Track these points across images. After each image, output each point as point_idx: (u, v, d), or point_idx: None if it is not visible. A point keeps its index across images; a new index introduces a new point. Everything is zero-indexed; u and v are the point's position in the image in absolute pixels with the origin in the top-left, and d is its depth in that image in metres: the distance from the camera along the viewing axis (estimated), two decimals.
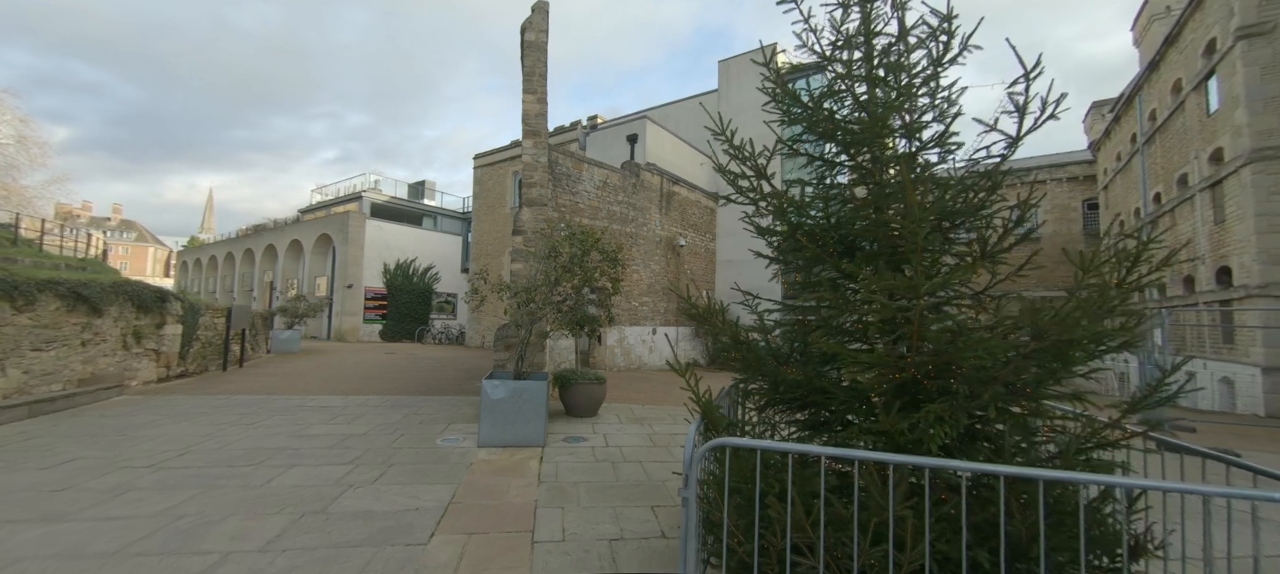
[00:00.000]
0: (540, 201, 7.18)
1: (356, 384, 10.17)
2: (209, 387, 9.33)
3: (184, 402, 7.82)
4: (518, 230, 7.08)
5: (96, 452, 5.13)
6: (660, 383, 12.70)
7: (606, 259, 5.87)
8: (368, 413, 7.34)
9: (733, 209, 20.76)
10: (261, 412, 7.26)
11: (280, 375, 11.20)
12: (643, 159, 17.49)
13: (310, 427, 6.41)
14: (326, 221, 27.56)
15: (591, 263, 5.76)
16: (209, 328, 11.51)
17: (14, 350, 6.62)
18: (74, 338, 7.57)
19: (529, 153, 7.15)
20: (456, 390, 9.68)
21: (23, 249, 12.16)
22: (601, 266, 5.81)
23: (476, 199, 23.84)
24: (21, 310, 6.74)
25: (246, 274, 33.48)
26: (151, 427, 6.19)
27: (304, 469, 4.77)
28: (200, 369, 10.99)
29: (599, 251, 5.81)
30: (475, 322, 22.98)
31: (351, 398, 8.51)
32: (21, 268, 8.58)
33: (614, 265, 5.93)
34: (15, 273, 6.78)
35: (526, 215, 7.08)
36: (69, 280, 7.56)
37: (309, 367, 13.04)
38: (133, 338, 8.74)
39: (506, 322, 6.88)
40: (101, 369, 8.06)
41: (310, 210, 33.56)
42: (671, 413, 8.21)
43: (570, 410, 7.44)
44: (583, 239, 5.73)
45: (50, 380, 7.15)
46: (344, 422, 6.77)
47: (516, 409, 5.79)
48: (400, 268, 26.47)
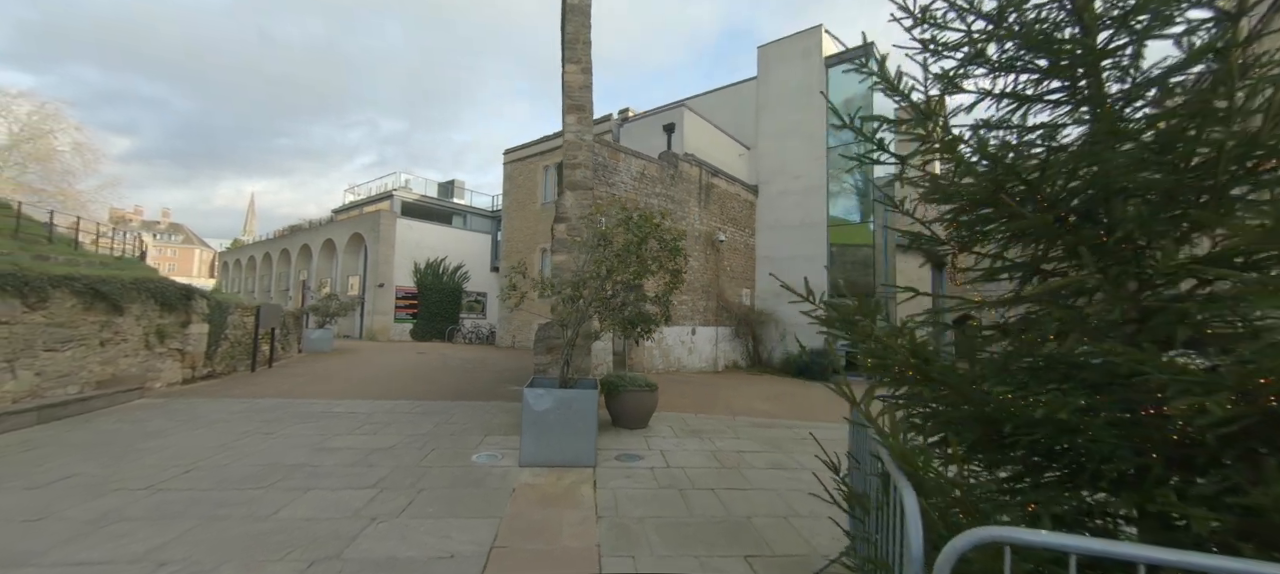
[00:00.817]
0: (585, 184, 6.36)
1: (386, 387, 9.57)
2: (234, 389, 8.85)
3: (205, 406, 7.30)
4: (560, 217, 6.27)
5: (95, 467, 4.53)
6: (703, 387, 11.77)
7: (666, 248, 5.00)
8: (396, 421, 6.65)
9: (772, 203, 19.62)
10: (284, 418, 6.65)
11: (309, 377, 10.72)
12: (680, 149, 16.57)
13: (333, 438, 5.72)
14: (359, 221, 27.56)
15: (649, 252, 4.91)
16: (238, 327, 11.13)
17: (25, 350, 6.16)
18: (92, 337, 7.12)
19: (572, 130, 6.33)
20: (490, 395, 8.97)
21: (59, 247, 12.05)
22: (661, 257, 4.95)
23: (506, 196, 23.33)
24: (34, 308, 6.29)
25: (283, 274, 33.97)
26: (163, 436, 5.61)
27: (320, 495, 4.04)
28: (228, 370, 10.59)
29: (657, 239, 4.95)
30: (506, 321, 22.45)
31: (380, 403, 7.87)
32: (41, 264, 8.23)
33: (675, 256, 5.05)
34: (27, 267, 6.35)
35: (570, 200, 6.27)
36: (87, 276, 7.12)
37: (339, 367, 12.59)
38: (156, 337, 8.31)
39: (548, 321, 6.07)
40: (122, 370, 7.62)
41: (343, 210, 33.82)
42: (727, 424, 7.28)
43: (617, 421, 6.59)
44: (640, 224, 4.88)
45: (66, 382, 6.70)
46: (370, 431, 6.08)
47: (563, 422, 4.97)
48: (430, 267, 26.23)
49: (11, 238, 10.40)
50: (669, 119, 17.13)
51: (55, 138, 33.50)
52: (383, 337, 24.40)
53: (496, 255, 27.85)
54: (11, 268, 6.12)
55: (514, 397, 8.79)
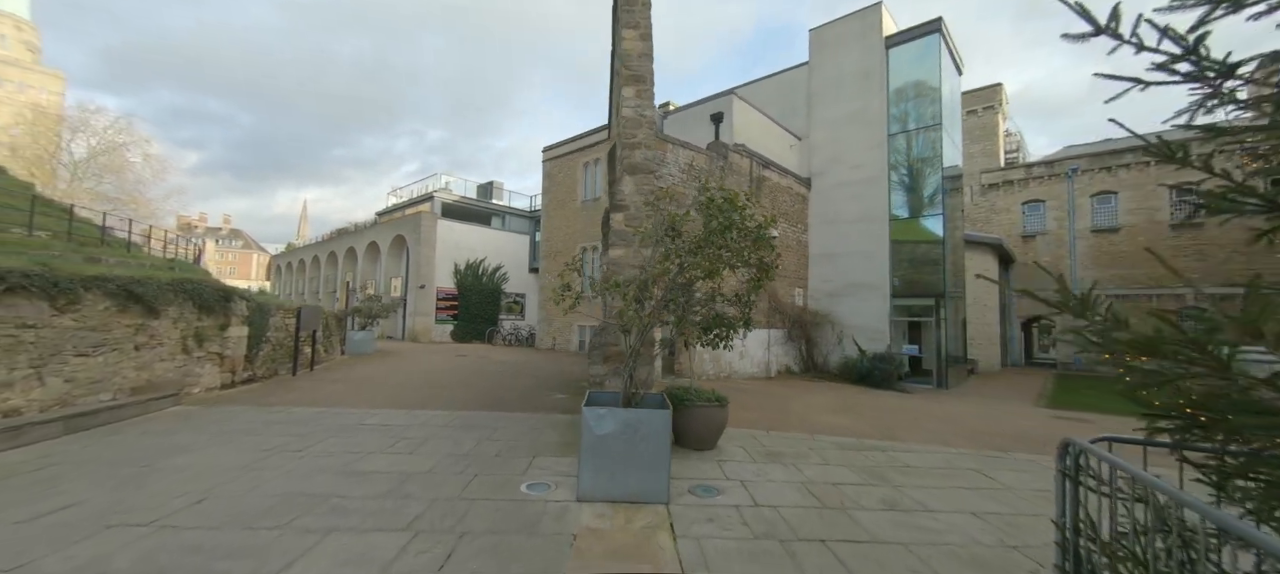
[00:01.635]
0: (646, 167, 5.50)
1: (425, 394, 8.99)
2: (271, 396, 8.45)
3: (239, 415, 6.84)
4: (617, 205, 5.43)
5: (102, 492, 3.98)
6: (762, 396, 10.72)
7: (752, 237, 4.07)
8: (434, 436, 5.96)
9: (826, 196, 18.25)
10: (316, 431, 6.07)
11: (348, 382, 10.31)
12: (729, 140, 15.53)
13: (365, 458, 5.06)
14: (401, 223, 27.75)
15: (733, 241, 3.99)
16: (280, 329, 10.87)
17: (54, 355, 5.81)
18: (126, 341, 6.79)
19: (629, 104, 5.48)
20: (534, 405, 8.24)
21: (113, 249, 12.15)
22: (745, 247, 4.03)
23: (546, 194, 22.83)
24: (63, 310, 5.94)
25: (330, 276, 34.80)
26: (187, 452, 5.09)
27: (343, 540, 3.31)
28: (270, 373, 10.31)
29: (738, 228, 4.02)
30: (546, 323, 21.94)
31: (417, 414, 7.24)
32: (92, 265, 8.02)
33: (766, 247, 4.10)
34: (57, 267, 6.02)
35: (629, 186, 5.42)
36: (121, 277, 6.79)
37: (380, 371, 12.21)
38: (194, 341, 7.98)
39: (602, 325, 5.23)
40: (158, 376, 7.29)
41: (386, 213, 34.32)
42: (807, 445, 6.26)
43: (681, 440, 5.68)
44: (724, 207, 3.95)
45: (98, 389, 6.35)
46: (406, 450, 5.40)
47: (629, 449, 4.10)
48: (470, 268, 26.09)
49: (64, 240, 10.44)
50: (717, 108, 16.12)
51: (128, 150, 35.56)
52: (424, 338, 24.36)
53: (535, 256, 27.48)
54: (39, 267, 5.78)
55: (560, 407, 8.03)
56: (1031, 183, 28.11)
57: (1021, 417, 10.42)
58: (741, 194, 4.18)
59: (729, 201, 4.06)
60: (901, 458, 5.91)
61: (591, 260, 20.09)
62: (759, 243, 4.11)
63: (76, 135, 35.25)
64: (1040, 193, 27.83)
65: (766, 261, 4.12)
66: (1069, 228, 26.44)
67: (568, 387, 10.36)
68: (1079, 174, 26.60)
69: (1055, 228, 27.01)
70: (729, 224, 3.99)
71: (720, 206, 4.03)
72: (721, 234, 3.98)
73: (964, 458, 6.07)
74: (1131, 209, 25.04)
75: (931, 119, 16.87)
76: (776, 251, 4.25)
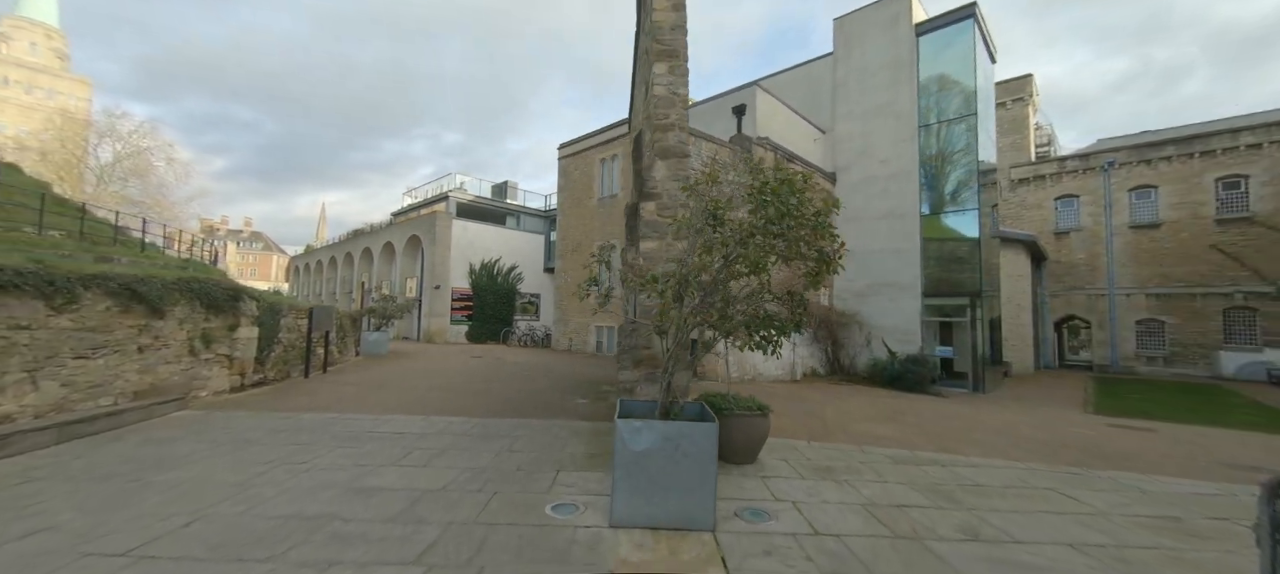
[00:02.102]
0: (679, 151, 4.97)
1: (439, 399, 8.57)
2: (281, 400, 8.09)
3: (243, 422, 6.46)
4: (648, 193, 4.90)
5: (82, 513, 3.56)
6: (793, 400, 10.10)
7: (810, 226, 3.49)
8: (450, 448, 5.50)
9: (852, 191, 17.50)
10: (323, 441, 5.65)
11: (360, 385, 9.95)
12: (752, 132, 14.92)
13: (374, 473, 4.60)
14: (416, 223, 27.59)
15: (793, 231, 3.43)
16: (292, 330, 10.56)
17: (50, 359, 5.47)
18: (129, 343, 6.45)
19: (662, 81, 4.96)
20: (554, 410, 7.75)
21: (128, 249, 11.98)
22: (804, 238, 3.47)
23: (562, 192, 22.42)
24: (60, 310, 5.60)
25: (347, 276, 34.86)
26: (182, 465, 4.68)
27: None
28: (281, 376, 9.99)
29: (795, 216, 3.45)
30: (562, 324, 21.52)
31: (432, 421, 6.80)
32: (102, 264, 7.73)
33: (826, 237, 3.52)
34: (55, 265, 5.69)
35: (662, 172, 4.89)
36: (122, 275, 6.46)
37: (393, 374, 11.85)
38: (201, 342, 7.65)
39: (635, 325, 4.71)
40: (163, 379, 6.95)
41: (402, 213, 34.28)
42: (857, 458, 5.67)
43: (720, 453, 5.13)
44: (781, 192, 3.37)
45: (98, 394, 6.01)
46: (419, 462, 4.94)
47: (670, 467, 3.58)
48: (485, 268, 25.81)
49: (77, 239, 10.24)
50: (739, 100, 15.52)
51: (152, 155, 36.18)
52: (440, 338, 24.12)
53: (550, 255, 27.10)
54: (34, 265, 5.44)
55: (582, 414, 7.53)
56: (1064, 177, 26.97)
57: (1076, 424, 9.66)
58: (800, 175, 3.63)
59: (787, 184, 3.50)
60: (965, 474, 5.30)
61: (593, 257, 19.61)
62: (819, 232, 3.55)
63: (103, 140, 35.94)
64: (1074, 187, 26.68)
65: (827, 253, 3.56)
66: (1105, 224, 25.27)
67: (588, 391, 9.87)
68: (1116, 168, 25.42)
69: (1090, 224, 25.86)
70: (785, 210, 3.44)
71: (775, 191, 3.48)
72: (777, 222, 3.43)
73: (1035, 475, 5.42)
74: (1173, 203, 23.82)
75: (965, 110, 16.07)
76: (841, 241, 3.68)
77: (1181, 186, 23.64)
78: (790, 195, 3.50)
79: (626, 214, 9.94)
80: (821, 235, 3.57)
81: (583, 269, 19.24)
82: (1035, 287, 25.38)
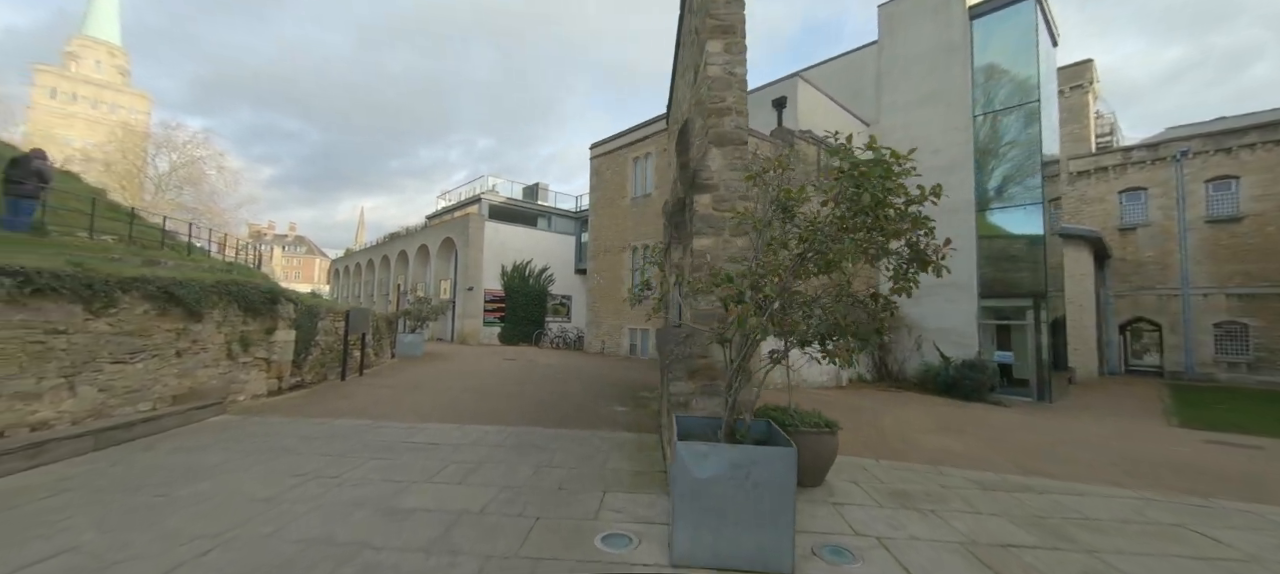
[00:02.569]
0: (737, 138, 4.46)
1: (474, 404, 8.29)
2: (317, 404, 7.95)
3: (279, 429, 6.29)
4: (702, 185, 4.41)
5: (106, 532, 3.32)
6: (846, 411, 9.39)
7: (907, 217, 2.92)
8: (486, 461, 5.14)
9: None
10: (355, 451, 5.38)
11: (395, 388, 9.79)
12: (794, 126, 14.23)
13: (408, 490, 4.27)
14: (450, 226, 27.83)
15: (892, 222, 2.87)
16: (329, 333, 10.52)
17: (88, 363, 5.38)
18: (167, 347, 6.37)
19: (717, 60, 4.47)
20: (592, 420, 7.35)
21: (174, 252, 12.23)
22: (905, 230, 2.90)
23: (594, 192, 22.12)
24: (98, 314, 5.51)
25: (384, 279, 35.58)
26: (212, 476, 4.46)
27: None
28: (319, 378, 9.93)
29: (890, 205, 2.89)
30: (594, 326, 21.20)
31: (468, 429, 6.49)
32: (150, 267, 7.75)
33: (925, 231, 2.93)
34: (93, 268, 5.62)
35: (718, 161, 4.40)
36: (161, 278, 6.38)
37: (428, 376, 11.70)
38: (239, 345, 7.57)
39: (689, 331, 4.23)
40: (201, 383, 6.87)
41: (436, 216, 34.75)
42: (936, 481, 5.04)
43: None
44: (878, 175, 2.80)
45: (136, 399, 5.92)
46: (455, 478, 4.58)
47: (740, 498, 3.08)
48: (517, 269, 25.78)
49: (127, 243, 10.45)
50: (780, 92, 14.85)
51: (204, 164, 37.98)
52: (473, 340, 24.19)
53: (581, 257, 26.88)
54: (72, 268, 5.37)
55: (623, 423, 7.09)
56: (1130, 169, 25.06)
57: (1166, 440, 8.67)
58: (900, 157, 3.08)
59: (881, 166, 2.94)
60: (1068, 504, 4.60)
61: (641, 260, 19.18)
62: (916, 223, 2.99)
63: (160, 151, 37.90)
64: (1141, 179, 24.75)
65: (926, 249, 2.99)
66: (1178, 218, 23.31)
67: (626, 397, 9.43)
68: (1190, 158, 23.43)
69: (1160, 218, 23.92)
70: (880, 199, 2.89)
71: (867, 175, 2.93)
72: (872, 211, 2.88)
73: (1152, 506, 4.68)
74: (1257, 195, 21.75)
75: (1025, 96, 14.95)
76: (949, 242, 3.08)
77: (1267, 177, 21.58)
78: (887, 179, 2.96)
79: (667, 211, 9.46)
80: (918, 227, 3.01)
81: (632, 271, 18.84)
82: (1098, 287, 23.65)
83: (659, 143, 18.35)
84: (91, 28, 65.17)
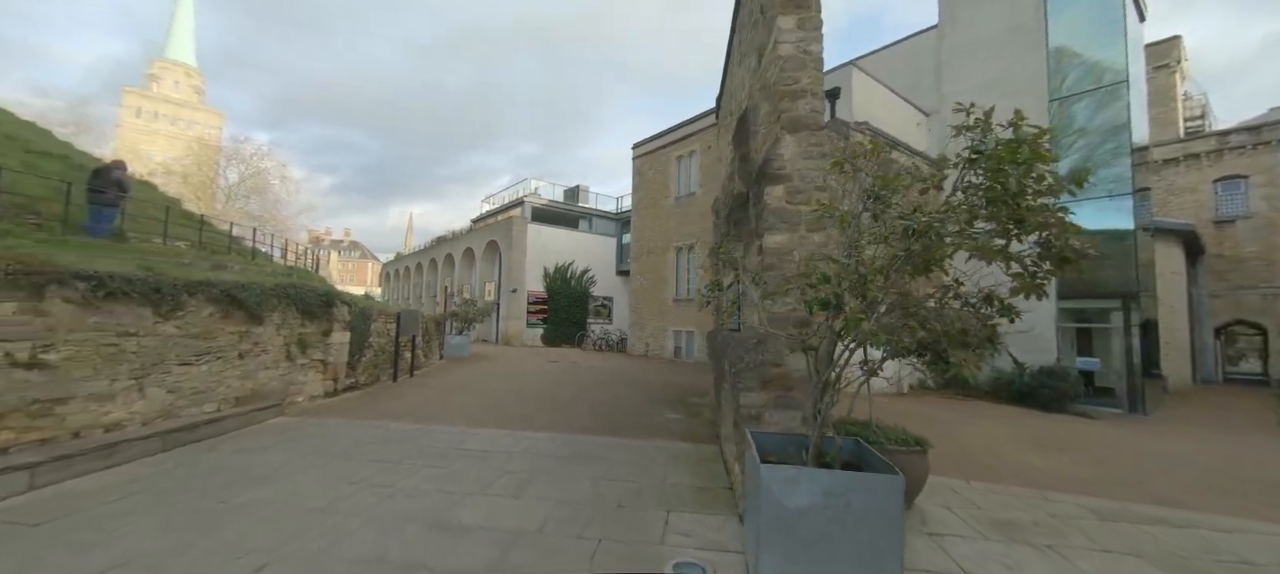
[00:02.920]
0: (812, 121, 4.03)
1: (524, 408, 8.13)
2: (369, 406, 8.00)
3: (336, 431, 6.30)
4: (774, 176, 4.00)
5: (166, 541, 3.25)
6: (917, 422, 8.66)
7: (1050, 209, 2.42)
8: (541, 472, 4.90)
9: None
10: (408, 458, 5.26)
11: (444, 390, 9.79)
12: (849, 118, 13.47)
13: (462, 503, 4.06)
14: (494, 228, 28.28)
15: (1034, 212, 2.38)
16: (381, 334, 10.67)
17: (156, 365, 5.50)
18: (230, 349, 6.50)
19: (789, 38, 4.05)
20: (646, 428, 7.02)
21: (239, 257, 12.78)
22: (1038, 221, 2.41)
23: (636, 192, 21.86)
24: (166, 317, 5.64)
25: (431, 281, 36.62)
26: (270, 482, 4.41)
27: None
28: (372, 380, 10.07)
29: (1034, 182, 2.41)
30: (638, 327, 20.93)
31: (519, 436, 6.29)
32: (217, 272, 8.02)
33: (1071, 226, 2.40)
34: (162, 272, 5.76)
35: (791, 149, 3.97)
36: (225, 282, 6.52)
37: (476, 377, 11.72)
38: (297, 347, 7.70)
39: (762, 336, 3.83)
40: (262, 385, 6.99)
41: (481, 219, 35.47)
42: (1047, 509, 4.42)
43: None
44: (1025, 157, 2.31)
45: (201, 400, 6.04)
46: (509, 491, 4.35)
47: (838, 532, 2.67)
48: (559, 271, 25.86)
49: (197, 248, 10.95)
50: (833, 83, 14.10)
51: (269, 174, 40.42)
52: (517, 341, 24.42)
53: (622, 258, 26.70)
54: (143, 271, 5.51)
55: (679, 433, 6.73)
56: (1226, 155, 22.63)
57: None
58: (1045, 133, 2.59)
59: (1032, 148, 2.43)
60: (1215, 541, 3.90)
61: (685, 260, 18.76)
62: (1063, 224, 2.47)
63: (230, 163, 40.58)
64: (1240, 167, 22.31)
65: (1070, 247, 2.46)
66: None
67: (676, 404, 9.06)
68: None
69: (1265, 209, 21.47)
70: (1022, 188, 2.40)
71: (1007, 157, 2.43)
72: (1012, 200, 2.38)
73: None
74: None
75: (1110, 77, 13.61)
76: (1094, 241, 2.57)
77: None
78: (1036, 161, 2.46)
79: (718, 209, 9.04)
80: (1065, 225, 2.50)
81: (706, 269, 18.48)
82: (1189, 286, 21.42)
83: (703, 140, 17.89)
84: (171, 51, 70.60)
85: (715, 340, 7.60)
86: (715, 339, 7.66)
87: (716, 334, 8.09)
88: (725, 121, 9.49)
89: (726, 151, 9.36)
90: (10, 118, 11.73)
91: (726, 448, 5.13)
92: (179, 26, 72.04)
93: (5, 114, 11.91)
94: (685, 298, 18.51)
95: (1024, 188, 2.47)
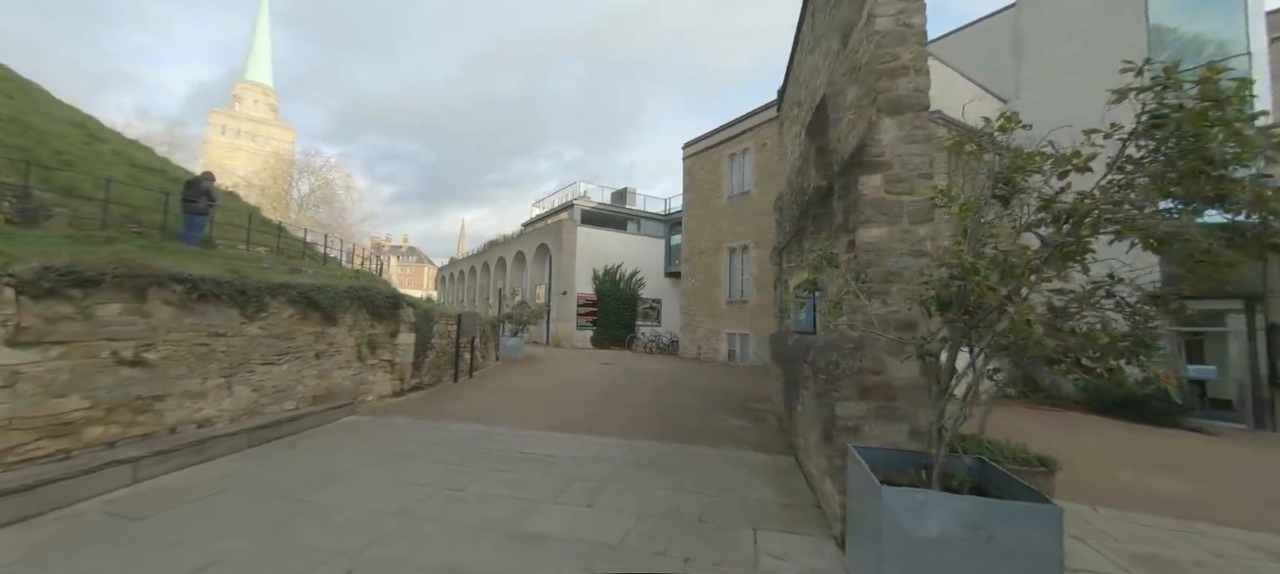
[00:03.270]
0: (916, 102, 3.62)
1: (584, 412, 8.00)
2: (433, 406, 8.10)
3: (404, 430, 6.38)
4: (869, 163, 3.62)
5: (247, 543, 3.26)
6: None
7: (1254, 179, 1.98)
8: (610, 480, 4.70)
9: None
10: (475, 458, 5.21)
11: (503, 391, 9.84)
12: None
13: (534, 510, 3.91)
14: (544, 232, 28.69)
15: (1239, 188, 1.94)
16: (443, 336, 10.88)
17: (242, 364, 5.72)
18: (307, 349, 6.71)
19: (887, 10, 3.67)
20: (711, 435, 6.71)
21: (312, 261, 13.45)
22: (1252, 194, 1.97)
23: (687, 193, 21.54)
24: (252, 318, 5.87)
25: (484, 284, 37.67)
26: (345, 481, 4.43)
27: None
28: (434, 380, 10.27)
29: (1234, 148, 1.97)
30: (689, 330, 20.57)
31: (584, 441, 6.14)
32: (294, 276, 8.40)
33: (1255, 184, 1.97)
34: (247, 275, 6.01)
35: (891, 133, 3.59)
36: (301, 284, 6.75)
37: (532, 379, 11.77)
38: (367, 348, 7.90)
39: (860, 341, 3.46)
40: (336, 384, 7.20)
41: (531, 223, 36.15)
42: (1207, 547, 3.80)
43: None
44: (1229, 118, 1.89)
45: (282, 398, 6.26)
46: (581, 499, 4.17)
47: (981, 568, 2.28)
48: (608, 273, 25.88)
49: (275, 254, 11.57)
50: None
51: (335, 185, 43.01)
52: (567, 343, 24.61)
53: (670, 260, 26.41)
54: (230, 274, 5.75)
55: (749, 441, 6.38)
56: None
57: None
58: (1248, 85, 2.14)
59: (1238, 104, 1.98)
60: None
61: (739, 261, 18.26)
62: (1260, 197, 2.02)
63: (302, 175, 43.46)
64: None
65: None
66: None
67: (738, 409, 8.69)
68: None
69: None
70: (1223, 155, 1.96)
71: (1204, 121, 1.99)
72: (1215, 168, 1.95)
73: None
74: None
75: (1228, 50, 12.09)
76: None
77: None
78: (1237, 122, 2.02)
79: (785, 204, 8.61)
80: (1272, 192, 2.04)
81: (798, 268, 18.07)
82: None
83: (758, 137, 17.36)
84: (251, 73, 76.56)
85: (783, 344, 7.18)
86: (784, 342, 7.24)
87: (784, 337, 7.65)
88: (789, 114, 9.05)
89: (790, 146, 8.91)
90: (119, 137, 12.84)
91: (807, 460, 4.75)
92: (257, 49, 78.05)
93: (115, 134, 13.06)
94: (739, 299, 18.00)
95: (1225, 156, 2.01)
